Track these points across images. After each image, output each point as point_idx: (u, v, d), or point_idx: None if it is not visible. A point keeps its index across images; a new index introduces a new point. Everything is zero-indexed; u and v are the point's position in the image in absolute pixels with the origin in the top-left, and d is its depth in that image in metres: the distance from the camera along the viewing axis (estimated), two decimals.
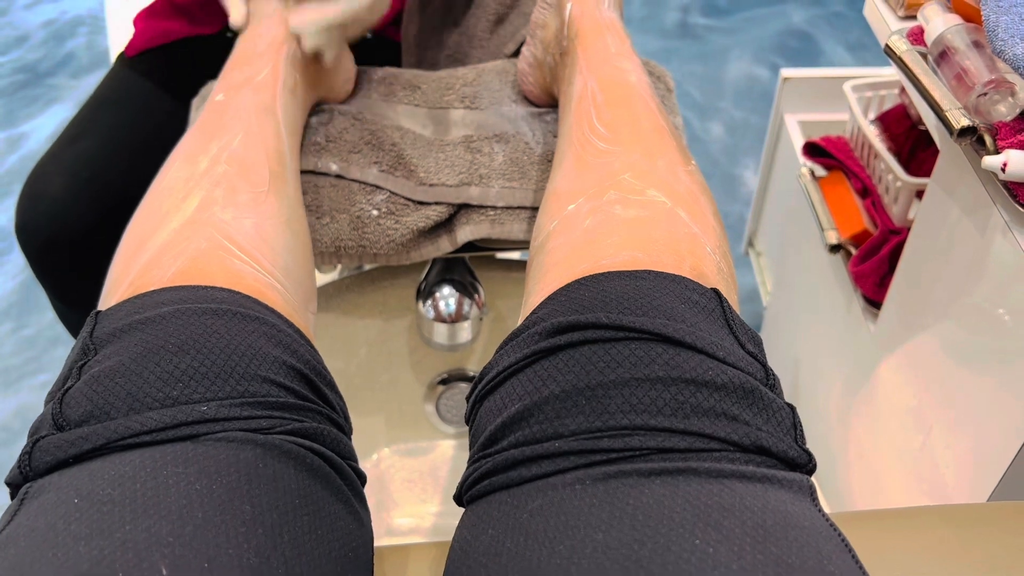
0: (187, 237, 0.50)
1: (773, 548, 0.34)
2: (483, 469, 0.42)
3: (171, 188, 0.55)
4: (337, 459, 0.45)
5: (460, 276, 0.84)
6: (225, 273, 0.49)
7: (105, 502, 0.36)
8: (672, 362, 0.40)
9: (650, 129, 0.58)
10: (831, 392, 1.00)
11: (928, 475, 0.77)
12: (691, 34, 2.16)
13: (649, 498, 0.36)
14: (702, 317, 0.44)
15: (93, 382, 0.41)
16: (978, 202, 0.64)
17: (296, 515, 0.40)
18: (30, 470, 0.40)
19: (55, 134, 1.88)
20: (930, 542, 0.49)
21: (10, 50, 2.14)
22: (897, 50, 0.65)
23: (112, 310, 0.46)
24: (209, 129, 0.60)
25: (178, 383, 0.41)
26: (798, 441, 0.41)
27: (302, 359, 0.47)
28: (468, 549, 0.40)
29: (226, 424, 0.41)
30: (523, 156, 0.73)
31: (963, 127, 0.58)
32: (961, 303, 0.69)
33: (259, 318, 0.46)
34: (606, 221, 0.50)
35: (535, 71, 0.76)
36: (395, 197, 0.71)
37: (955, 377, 0.71)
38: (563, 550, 0.35)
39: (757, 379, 0.42)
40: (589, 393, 0.40)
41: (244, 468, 0.39)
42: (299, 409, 0.44)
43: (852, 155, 1.03)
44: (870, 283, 0.90)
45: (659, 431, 0.39)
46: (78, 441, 0.39)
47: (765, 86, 1.99)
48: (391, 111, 0.77)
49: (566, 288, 0.47)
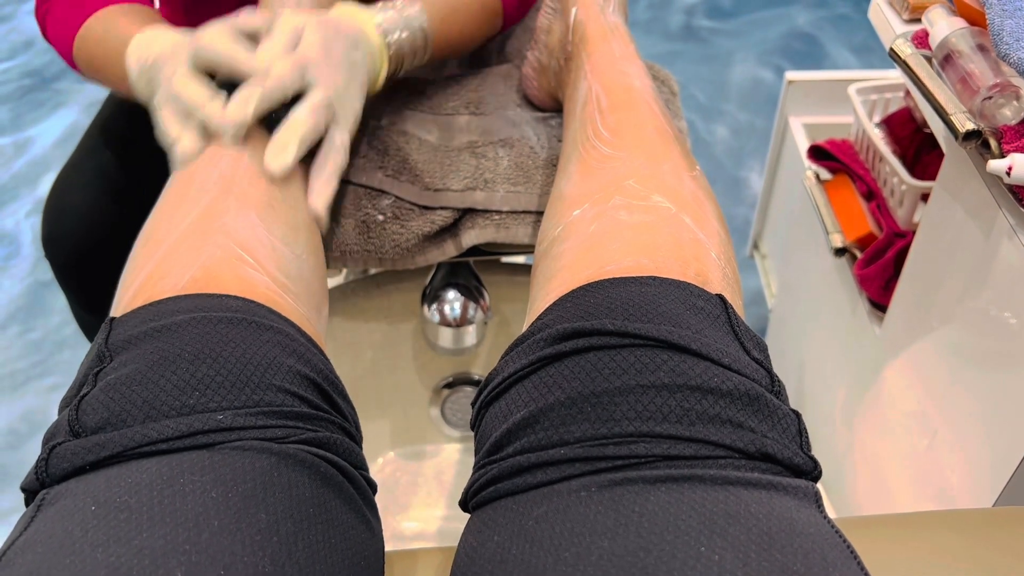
0: (199, 245, 0.50)
1: (778, 555, 0.34)
2: (489, 475, 0.42)
3: (183, 194, 0.55)
4: (350, 468, 0.45)
5: (465, 280, 0.84)
6: (238, 282, 0.49)
7: (122, 509, 0.36)
8: (677, 369, 0.40)
9: (654, 134, 0.58)
10: (836, 396, 1.00)
11: (933, 479, 0.76)
12: (695, 37, 2.15)
13: (655, 505, 0.36)
14: (707, 323, 0.44)
15: (109, 389, 0.41)
16: (983, 205, 0.64)
17: (311, 524, 0.40)
18: (47, 476, 0.40)
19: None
20: (935, 547, 0.49)
21: (17, 55, 2.14)
22: (902, 53, 0.65)
23: (127, 317, 0.46)
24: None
25: (194, 392, 0.41)
26: (804, 448, 0.41)
27: (315, 368, 0.47)
28: (474, 555, 0.40)
29: (242, 433, 0.41)
30: (528, 160, 0.73)
31: (968, 131, 0.58)
32: (966, 306, 0.69)
33: (273, 327, 0.46)
34: (611, 227, 0.50)
35: (539, 76, 0.76)
36: (401, 202, 0.71)
37: (961, 381, 0.71)
38: (569, 557, 0.35)
39: (762, 386, 0.42)
40: (595, 400, 0.40)
41: (260, 477, 0.39)
42: (313, 419, 0.45)
43: (857, 158, 1.03)
44: (875, 286, 0.90)
45: (665, 438, 0.39)
46: (95, 448, 0.39)
47: (770, 89, 1.98)
48: (397, 116, 0.78)
49: (571, 294, 0.47)
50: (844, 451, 0.98)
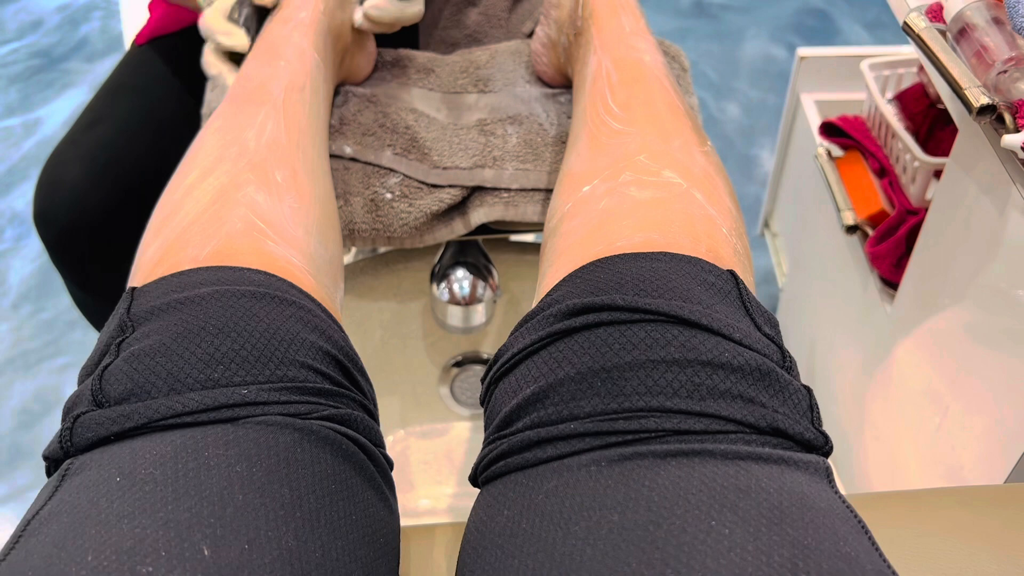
0: (220, 216, 0.50)
1: (789, 530, 0.34)
2: (498, 450, 0.42)
3: (204, 164, 0.55)
4: (370, 445, 0.45)
5: (474, 258, 0.84)
6: (259, 255, 0.49)
7: (147, 481, 0.36)
8: (688, 344, 0.40)
9: (665, 109, 0.57)
10: (847, 373, 1.00)
11: (944, 457, 0.76)
12: (706, 13, 2.13)
13: (665, 480, 0.36)
14: (718, 299, 0.44)
15: (133, 360, 0.41)
16: (997, 181, 0.63)
17: (333, 500, 0.40)
18: (71, 445, 0.40)
19: (70, 119, 1.89)
20: (946, 524, 0.49)
21: (25, 35, 2.14)
22: (915, 27, 0.64)
23: (149, 287, 0.46)
24: (241, 105, 0.60)
25: (219, 365, 0.41)
26: (815, 423, 0.41)
27: (336, 344, 0.47)
28: (484, 530, 0.41)
29: (265, 408, 0.41)
30: (537, 138, 0.73)
31: (982, 105, 0.58)
32: (979, 284, 0.68)
33: (295, 302, 0.47)
34: (621, 203, 0.50)
35: (549, 51, 0.76)
36: (409, 180, 0.71)
37: (972, 358, 0.70)
38: (578, 531, 0.35)
39: (774, 361, 0.42)
40: (605, 375, 0.40)
41: (283, 452, 0.40)
42: (334, 395, 0.45)
43: (869, 135, 1.02)
44: (887, 264, 0.89)
45: (675, 413, 0.39)
46: (119, 419, 0.39)
47: (781, 65, 1.97)
48: (405, 94, 0.77)
49: (581, 270, 0.47)
50: (855, 429, 0.98)
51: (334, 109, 0.74)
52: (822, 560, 0.33)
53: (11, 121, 1.90)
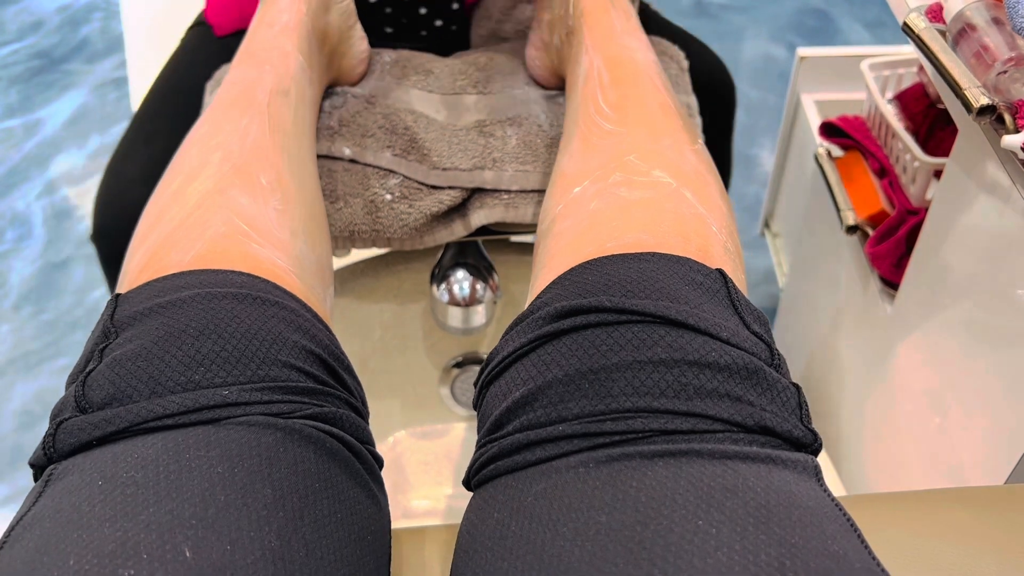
0: (205, 220, 0.50)
1: (776, 528, 0.33)
2: (489, 454, 0.43)
3: (188, 170, 0.55)
4: (356, 443, 0.45)
5: (474, 260, 0.84)
6: (244, 257, 0.49)
7: (129, 484, 0.36)
8: (675, 344, 0.40)
9: (656, 108, 0.57)
10: (847, 374, 1.00)
11: (945, 457, 0.76)
12: (706, 13, 2.13)
13: (652, 480, 0.36)
14: (706, 298, 0.44)
15: (115, 365, 0.42)
16: (997, 182, 0.63)
17: (317, 499, 0.40)
18: (54, 451, 0.40)
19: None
20: (947, 525, 0.49)
21: (25, 36, 2.14)
22: (915, 27, 0.64)
23: (132, 293, 0.46)
24: (226, 110, 0.60)
25: (199, 367, 0.41)
26: (804, 421, 0.41)
27: (320, 344, 0.47)
28: (475, 532, 0.41)
29: (247, 408, 0.41)
30: (536, 139, 0.73)
31: (982, 106, 0.58)
32: (979, 284, 0.68)
33: (278, 303, 0.46)
34: (611, 204, 0.50)
35: (542, 54, 0.75)
36: (409, 181, 0.71)
37: (973, 359, 0.70)
38: (567, 532, 0.35)
39: (762, 359, 0.41)
40: (592, 376, 0.40)
41: (265, 452, 0.40)
42: (318, 394, 0.45)
43: (869, 135, 1.02)
44: (887, 264, 0.89)
45: (662, 413, 0.39)
46: (101, 424, 0.40)
47: (781, 65, 1.96)
48: (404, 95, 0.77)
49: (571, 272, 0.47)
50: (855, 429, 0.98)
51: (333, 111, 0.74)
52: (809, 559, 0.33)
53: (11, 122, 1.90)
